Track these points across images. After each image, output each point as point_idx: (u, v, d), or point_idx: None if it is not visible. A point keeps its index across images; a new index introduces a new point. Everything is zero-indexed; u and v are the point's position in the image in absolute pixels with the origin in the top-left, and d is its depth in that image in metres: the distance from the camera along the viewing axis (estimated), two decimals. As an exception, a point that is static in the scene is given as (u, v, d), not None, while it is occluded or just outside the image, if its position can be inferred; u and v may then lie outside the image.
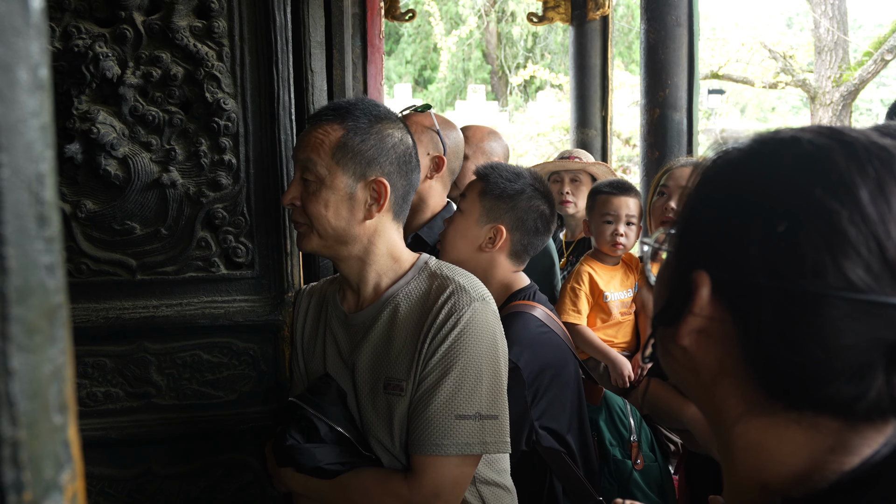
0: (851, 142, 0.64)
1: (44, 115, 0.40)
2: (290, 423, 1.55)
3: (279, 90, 1.73)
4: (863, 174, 0.61)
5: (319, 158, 1.50)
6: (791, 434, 0.66)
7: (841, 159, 0.63)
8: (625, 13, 19.80)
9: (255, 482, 1.81)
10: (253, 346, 1.78)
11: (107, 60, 1.64)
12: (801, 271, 0.61)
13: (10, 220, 0.36)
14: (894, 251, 0.59)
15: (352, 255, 1.56)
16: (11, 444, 0.36)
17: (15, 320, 0.36)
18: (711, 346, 0.68)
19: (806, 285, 0.61)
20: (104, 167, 1.66)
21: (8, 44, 0.36)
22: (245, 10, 1.70)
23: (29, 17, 0.38)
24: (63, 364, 0.41)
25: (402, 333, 1.52)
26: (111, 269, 1.72)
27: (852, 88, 12.86)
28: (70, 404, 0.41)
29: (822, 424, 0.65)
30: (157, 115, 1.68)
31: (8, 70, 0.36)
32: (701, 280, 0.67)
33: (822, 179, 0.62)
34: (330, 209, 1.50)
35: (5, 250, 0.36)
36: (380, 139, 1.53)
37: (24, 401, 0.37)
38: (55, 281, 0.40)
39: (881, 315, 0.60)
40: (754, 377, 0.66)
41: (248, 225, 1.76)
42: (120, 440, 1.73)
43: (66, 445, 0.41)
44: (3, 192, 0.36)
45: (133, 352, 1.74)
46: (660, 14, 3.65)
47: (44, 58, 0.40)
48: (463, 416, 1.45)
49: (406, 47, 22.84)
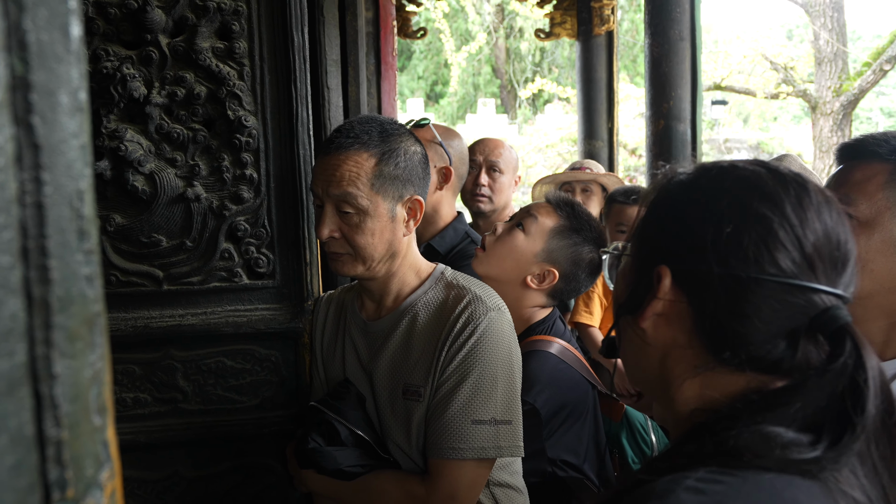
0: (775, 169, 0.83)
1: (83, 135, 0.41)
2: (312, 426, 1.56)
3: (297, 107, 1.75)
4: (786, 191, 0.80)
5: (359, 191, 1.46)
6: (726, 382, 0.81)
7: (769, 180, 0.81)
8: (629, 27, 19.79)
9: (277, 484, 1.82)
10: (274, 352, 1.79)
11: (134, 81, 1.66)
12: (745, 261, 0.78)
13: (53, 234, 0.37)
14: (810, 247, 0.78)
15: (380, 269, 1.55)
16: (55, 444, 0.37)
17: (57, 328, 0.37)
18: (666, 325, 0.85)
19: (749, 272, 0.78)
20: (132, 183, 1.68)
21: (50, 70, 0.38)
22: (265, 32, 1.72)
23: (70, 44, 0.39)
24: (102, 369, 0.42)
25: (421, 341, 1.53)
26: (139, 279, 1.74)
27: (852, 98, 12.78)
28: (109, 406, 0.42)
29: (750, 376, 0.80)
30: (182, 133, 1.70)
31: (50, 94, 0.38)
32: (664, 272, 0.84)
33: (758, 194, 0.80)
34: (376, 236, 1.49)
35: (48, 262, 0.37)
36: (407, 158, 1.53)
37: (66, 403, 0.38)
38: (94, 291, 0.41)
39: (801, 294, 0.77)
40: (703, 344, 0.82)
41: (269, 236, 1.78)
42: (148, 444, 1.75)
43: (106, 445, 0.42)
44: (45, 208, 0.37)
45: (160, 359, 1.75)
46: (663, 29, 3.65)
47: (83, 82, 0.41)
48: (479, 421, 1.46)
49: (418, 63, 22.90)
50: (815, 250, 0.78)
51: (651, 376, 0.89)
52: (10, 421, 0.32)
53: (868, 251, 1.22)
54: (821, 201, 0.80)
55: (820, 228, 0.79)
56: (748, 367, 0.80)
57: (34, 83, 0.36)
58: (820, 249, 0.78)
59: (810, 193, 0.80)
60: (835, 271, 0.79)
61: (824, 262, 0.78)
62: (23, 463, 0.33)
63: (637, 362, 0.92)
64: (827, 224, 0.79)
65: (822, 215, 0.79)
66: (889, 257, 1.22)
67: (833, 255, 0.79)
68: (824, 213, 0.80)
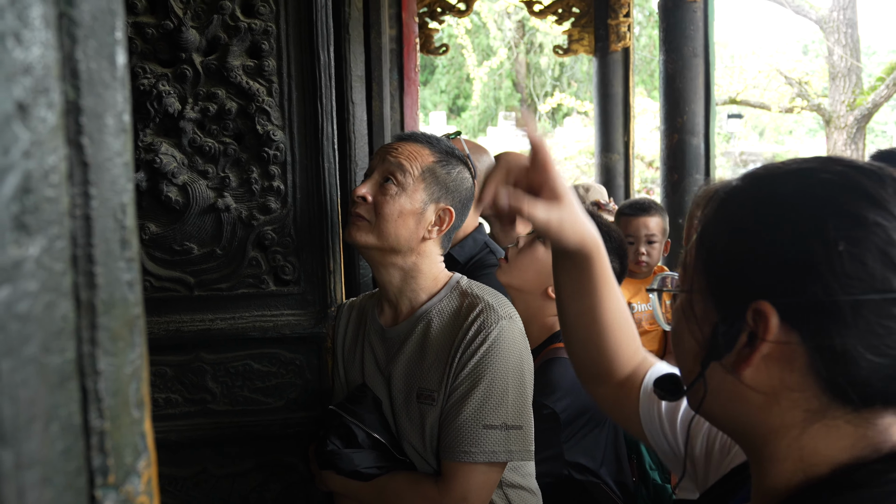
0: (860, 166, 0.68)
1: (126, 154, 0.43)
2: (331, 429, 1.58)
3: (323, 122, 1.78)
4: (887, 191, 0.65)
5: (411, 168, 1.55)
6: (843, 432, 0.67)
7: (865, 182, 0.66)
8: (647, 43, 19.73)
9: (300, 482, 1.84)
10: (299, 356, 1.82)
11: (169, 97, 1.70)
12: (871, 282, 0.63)
13: (99, 243, 0.40)
14: None
15: (396, 264, 1.58)
16: (98, 434, 0.39)
17: (102, 328, 0.40)
18: (773, 369, 0.69)
19: (877, 293, 0.63)
20: (166, 193, 1.72)
21: (98, 95, 0.40)
22: (293, 50, 1.75)
23: (116, 71, 0.42)
24: (140, 366, 0.44)
25: (435, 347, 1.55)
26: (171, 285, 1.77)
27: (866, 112, 12.65)
28: (146, 401, 0.45)
29: (877, 419, 0.67)
30: (214, 146, 1.74)
31: (98, 117, 0.40)
32: (767, 310, 0.67)
33: (864, 200, 0.65)
34: (401, 216, 1.54)
35: (95, 269, 0.39)
36: (458, 176, 1.61)
37: (108, 397, 0.40)
38: (134, 295, 0.44)
39: None
40: (821, 387, 0.67)
41: (295, 245, 1.81)
42: (178, 442, 1.78)
43: (143, 436, 0.44)
44: (92, 220, 0.40)
45: (191, 361, 1.79)
46: (677, 46, 3.66)
47: (126, 105, 0.44)
48: (490, 426, 1.47)
49: (441, 77, 22.97)
50: None
51: (747, 428, 0.75)
52: (61, 410, 0.35)
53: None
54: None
55: None
56: (881, 403, 0.66)
57: (84, 107, 0.39)
58: None
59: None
60: None
61: None
62: (71, 449, 0.36)
63: (730, 412, 0.76)
64: None
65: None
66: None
67: None
68: None
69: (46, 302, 0.34)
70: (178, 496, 1.80)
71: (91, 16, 0.40)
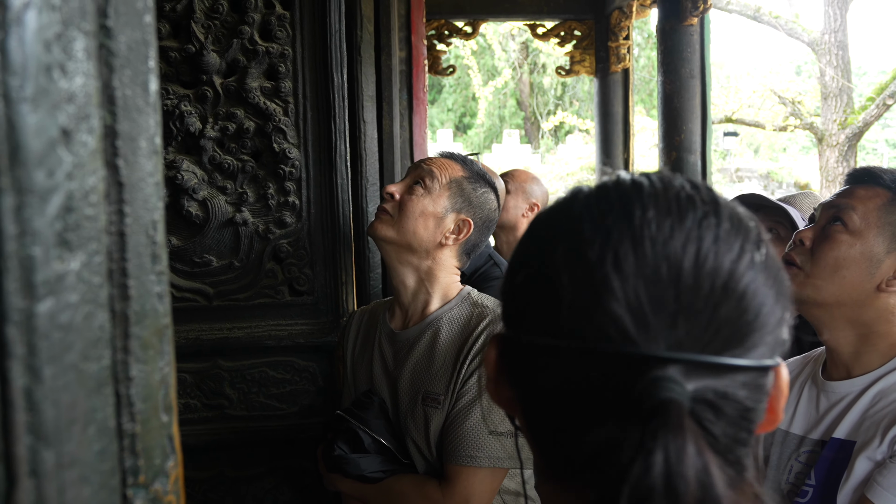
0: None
1: (157, 174, 0.45)
2: (338, 434, 1.59)
3: (336, 140, 1.80)
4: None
5: (440, 176, 1.59)
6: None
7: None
8: (646, 64, 19.77)
9: (312, 485, 1.85)
10: (312, 364, 1.83)
11: (190, 117, 1.72)
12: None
13: (132, 257, 0.41)
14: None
15: (412, 264, 1.60)
16: (130, 437, 0.40)
17: (134, 337, 0.41)
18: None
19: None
20: (187, 208, 1.74)
21: (132, 120, 0.42)
22: (308, 73, 1.77)
23: (148, 97, 0.44)
24: (169, 373, 0.46)
25: (443, 353, 1.55)
26: (192, 296, 1.79)
27: (857, 130, 12.63)
28: (174, 406, 0.46)
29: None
30: (232, 164, 1.76)
31: (132, 140, 0.42)
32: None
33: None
34: (423, 216, 1.56)
35: (128, 282, 0.41)
36: (484, 195, 1.64)
37: (139, 402, 0.41)
38: (164, 306, 0.45)
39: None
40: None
41: (309, 257, 1.82)
42: (197, 446, 1.78)
43: (171, 439, 0.45)
44: (126, 236, 0.41)
45: (209, 368, 1.80)
46: (675, 67, 3.67)
47: (158, 129, 0.45)
48: (496, 432, 1.47)
49: (448, 97, 23.05)
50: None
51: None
52: (98, 414, 0.36)
53: (847, 258, 1.24)
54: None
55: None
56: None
57: (120, 132, 0.40)
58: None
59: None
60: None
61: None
62: (106, 450, 0.37)
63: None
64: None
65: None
66: (863, 270, 1.23)
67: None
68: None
69: (86, 313, 0.35)
70: (195, 497, 1.80)
71: (127, 46, 0.41)
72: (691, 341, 0.48)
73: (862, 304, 1.24)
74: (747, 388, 0.50)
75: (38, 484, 0.32)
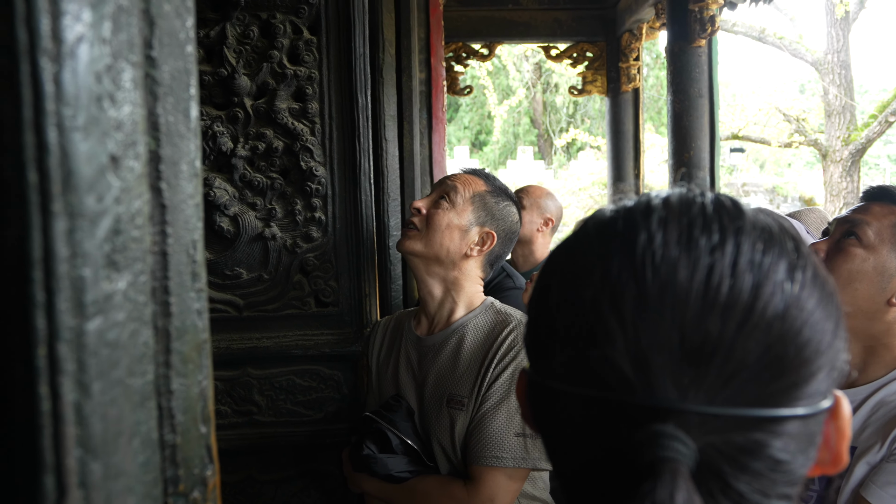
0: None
1: (197, 196, 0.45)
2: (366, 434, 1.58)
3: (360, 158, 1.80)
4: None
5: (464, 191, 1.61)
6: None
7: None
8: (655, 83, 19.71)
9: (337, 488, 1.84)
10: (337, 372, 1.83)
11: (222, 137, 1.74)
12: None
13: (173, 276, 0.41)
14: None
15: (439, 275, 1.60)
16: (171, 447, 0.41)
17: (175, 352, 0.41)
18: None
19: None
20: (218, 224, 1.75)
21: (175, 145, 0.42)
22: (334, 94, 1.78)
23: (190, 123, 0.44)
24: (207, 386, 0.46)
25: (468, 357, 1.55)
26: (223, 307, 1.79)
27: (860, 147, 12.50)
28: (212, 417, 0.46)
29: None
30: (262, 181, 1.77)
31: (174, 164, 0.42)
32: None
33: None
34: (449, 229, 1.58)
35: (170, 299, 0.41)
36: (506, 208, 1.66)
37: (179, 414, 0.41)
38: (203, 322, 0.45)
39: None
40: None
41: (334, 270, 1.82)
42: (227, 450, 1.79)
43: (209, 449, 0.45)
44: (169, 256, 0.41)
45: (239, 376, 1.80)
46: (684, 87, 3.66)
47: (198, 153, 0.45)
48: (520, 434, 1.47)
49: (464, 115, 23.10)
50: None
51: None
52: (142, 427, 0.36)
53: (860, 272, 1.23)
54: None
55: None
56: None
57: (163, 156, 0.41)
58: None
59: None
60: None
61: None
62: (150, 461, 0.37)
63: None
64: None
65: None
66: (875, 284, 1.22)
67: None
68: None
69: (132, 330, 0.35)
70: (225, 500, 1.80)
71: (170, 75, 0.41)
72: (701, 389, 0.41)
73: (872, 317, 1.23)
74: (784, 438, 0.42)
75: (87, 495, 0.32)
